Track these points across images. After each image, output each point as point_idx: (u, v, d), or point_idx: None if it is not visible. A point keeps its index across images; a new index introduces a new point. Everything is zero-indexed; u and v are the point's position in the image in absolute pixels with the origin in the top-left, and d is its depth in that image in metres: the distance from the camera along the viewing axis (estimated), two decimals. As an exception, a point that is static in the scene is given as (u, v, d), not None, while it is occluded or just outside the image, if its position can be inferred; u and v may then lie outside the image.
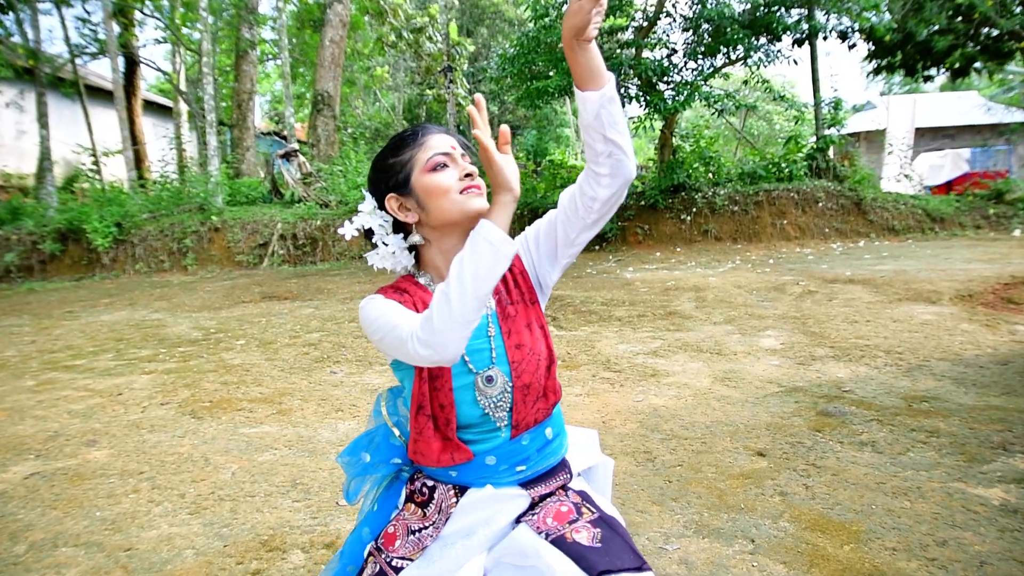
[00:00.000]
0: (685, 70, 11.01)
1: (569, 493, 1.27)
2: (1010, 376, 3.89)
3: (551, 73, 10.77)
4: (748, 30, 10.20)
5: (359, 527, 1.32)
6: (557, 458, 1.29)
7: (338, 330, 6.06)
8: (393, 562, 1.17)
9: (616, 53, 10.62)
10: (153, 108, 21.39)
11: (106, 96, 16.82)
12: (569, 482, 1.29)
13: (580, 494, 1.27)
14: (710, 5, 10.13)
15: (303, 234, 11.56)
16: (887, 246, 10.05)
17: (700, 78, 10.74)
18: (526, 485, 1.24)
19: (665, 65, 10.43)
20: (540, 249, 1.29)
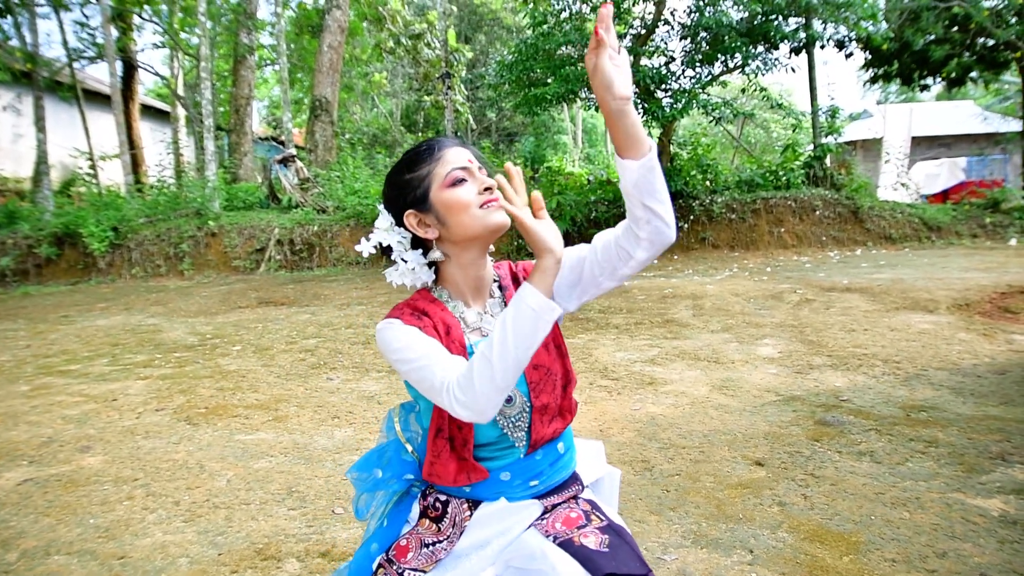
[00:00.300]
0: (683, 78, 11.05)
1: (579, 502, 1.28)
2: (1008, 386, 3.89)
3: (549, 80, 10.80)
4: (746, 38, 10.25)
5: (367, 542, 1.31)
6: (568, 471, 1.31)
7: (335, 336, 6.04)
8: (405, 573, 1.17)
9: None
10: (151, 113, 21.36)
11: (104, 100, 16.81)
12: (581, 493, 1.31)
13: (589, 503, 1.28)
14: (708, 13, 10.16)
15: (300, 239, 11.54)
16: (884, 254, 10.07)
17: (698, 86, 10.78)
18: (539, 498, 1.25)
19: (663, 73, 10.47)
20: (562, 278, 1.26)
